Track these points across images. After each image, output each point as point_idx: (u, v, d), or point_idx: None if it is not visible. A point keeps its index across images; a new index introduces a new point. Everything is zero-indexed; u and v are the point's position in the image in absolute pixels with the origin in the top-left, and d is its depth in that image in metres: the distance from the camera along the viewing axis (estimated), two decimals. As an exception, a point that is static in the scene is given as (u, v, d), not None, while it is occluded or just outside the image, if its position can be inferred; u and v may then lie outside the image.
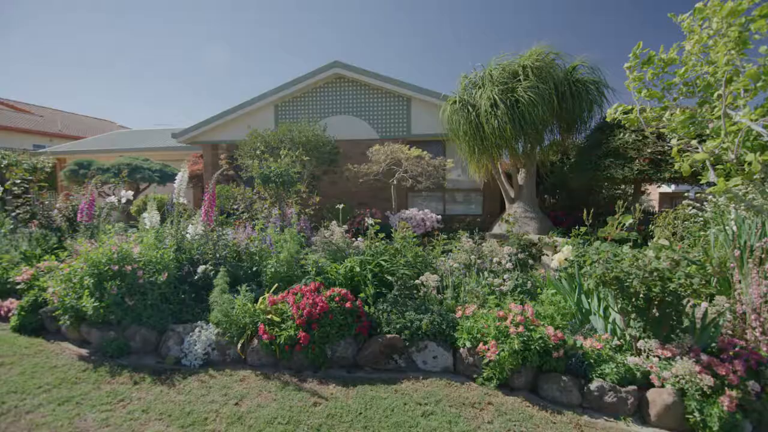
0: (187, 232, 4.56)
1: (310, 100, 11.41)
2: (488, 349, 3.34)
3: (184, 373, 3.34)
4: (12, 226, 5.26)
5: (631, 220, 4.35)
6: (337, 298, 3.73)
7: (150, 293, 3.77)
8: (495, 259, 4.94)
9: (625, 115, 5.03)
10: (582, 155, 7.54)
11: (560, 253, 4.35)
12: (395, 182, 9.11)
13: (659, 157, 6.29)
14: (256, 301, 3.86)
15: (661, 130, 4.88)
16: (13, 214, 5.37)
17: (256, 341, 3.58)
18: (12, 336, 3.81)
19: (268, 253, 4.37)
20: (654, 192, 16.23)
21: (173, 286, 4.02)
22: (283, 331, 3.49)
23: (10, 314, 4.09)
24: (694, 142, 4.72)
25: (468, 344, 3.52)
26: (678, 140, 4.56)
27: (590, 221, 5.00)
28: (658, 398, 3.01)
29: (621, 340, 3.54)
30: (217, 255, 4.33)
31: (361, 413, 2.88)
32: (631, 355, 3.38)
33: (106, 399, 2.89)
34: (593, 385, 3.19)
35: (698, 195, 6.71)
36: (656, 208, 11.45)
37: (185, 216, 4.85)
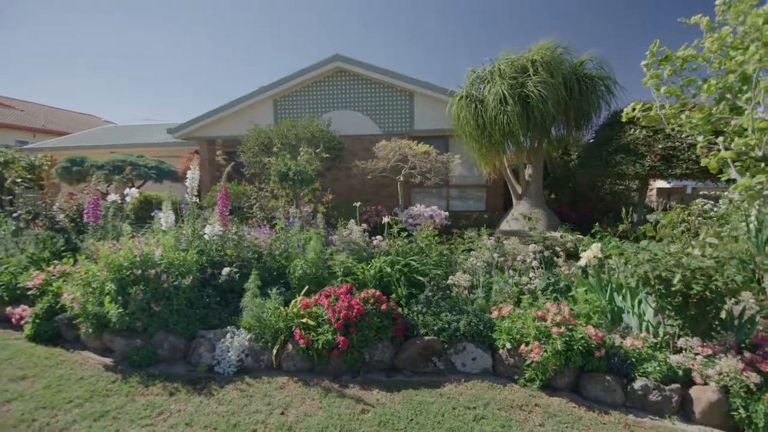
0: (203, 233, 4.39)
1: (311, 95, 11.19)
2: (531, 350, 3.30)
3: (220, 381, 3.21)
4: (14, 228, 4.99)
5: (662, 220, 4.36)
6: (371, 300, 3.64)
7: (175, 298, 3.61)
8: (519, 257, 4.91)
9: (644, 113, 5.04)
10: (591, 151, 7.57)
11: (589, 251, 4.34)
12: (402, 179, 9.02)
13: (670, 153, 6.34)
14: (285, 304, 3.74)
15: (679, 127, 4.88)
16: (15, 214, 5.08)
17: (290, 346, 3.46)
18: (28, 346, 3.60)
19: (294, 254, 4.24)
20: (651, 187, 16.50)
21: (197, 289, 3.86)
22: (320, 335, 3.39)
23: (22, 322, 3.87)
24: (720, 139, 4.75)
25: (508, 345, 3.47)
26: (703, 138, 4.58)
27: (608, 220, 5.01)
28: (703, 396, 3.02)
29: (656, 338, 3.55)
30: (240, 256, 4.18)
31: (412, 419, 2.80)
32: (670, 352, 3.38)
33: (144, 412, 2.74)
34: (637, 384, 3.18)
35: (710, 192, 6.78)
36: (654, 204, 11.52)
37: (194, 215, 4.67)
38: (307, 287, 3.89)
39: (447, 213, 9.18)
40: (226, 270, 3.99)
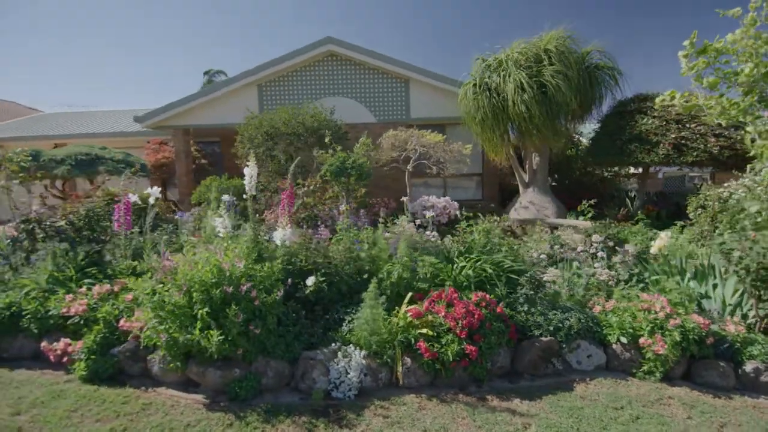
0: (269, 238, 3.88)
1: (300, 80, 10.45)
2: (654, 343, 3.31)
3: (347, 408, 2.84)
4: (10, 240, 4.03)
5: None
6: (483, 304, 3.43)
7: (269, 316, 3.13)
8: (580, 248, 4.95)
9: (686, 103, 5.24)
10: (602, 140, 7.85)
11: (659, 240, 4.48)
12: (411, 169, 8.77)
13: (681, 142, 6.76)
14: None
15: (719, 117, 5.14)
16: (12, 223, 4.10)
17: (409, 360, 3.17)
18: (89, 389, 2.91)
19: (382, 257, 3.87)
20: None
21: (282, 304, 3.39)
22: (446, 346, 3.13)
23: (64, 359, 3.14)
24: (750, 129, 5.05)
25: (624, 339, 3.47)
26: (752, 128, 4.86)
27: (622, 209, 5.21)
28: (809, 373, 3.23)
29: (745, 322, 3.74)
30: (316, 262, 3.73)
31: (578, 428, 2.68)
32: (762, 334, 3.59)
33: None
34: (748, 367, 3.33)
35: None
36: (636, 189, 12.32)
37: (254, 218, 4.12)
38: (411, 294, 3.57)
39: (457, 203, 9.13)
40: (311, 280, 3.54)
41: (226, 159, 12.90)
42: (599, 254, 4.76)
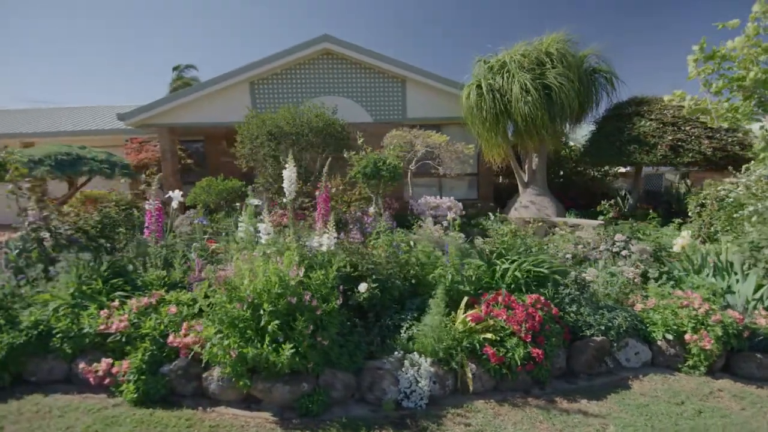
0: (309, 244, 3.72)
1: (295, 78, 10.18)
2: (700, 339, 3.45)
3: (422, 417, 2.77)
4: (18, 250, 3.63)
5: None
6: (539, 306, 3.46)
7: (331, 326, 3.00)
8: (603, 246, 5.10)
9: (696, 106, 5.50)
10: (599, 141, 8.13)
11: (681, 238, 4.68)
12: (414, 169, 8.75)
13: (678, 144, 7.12)
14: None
15: (726, 121, 5.43)
16: (24, 232, 3.68)
17: (473, 365, 3.13)
18: (144, 413, 2.66)
19: (430, 261, 3.81)
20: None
21: (337, 313, 3.26)
22: (512, 350, 3.12)
23: (107, 380, 2.86)
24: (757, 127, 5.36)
25: (669, 336, 3.59)
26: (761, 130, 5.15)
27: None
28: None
29: (768, 314, 3.97)
30: (368, 268, 3.62)
31: (653, 426, 2.74)
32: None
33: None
34: (782, 358, 3.54)
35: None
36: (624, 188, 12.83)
37: (293, 222, 3.96)
38: (466, 299, 3.53)
39: (461, 204, 9.19)
40: (363, 286, 3.43)
41: (210, 158, 12.41)
42: (623, 252, 4.92)
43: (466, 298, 3.50)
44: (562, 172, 10.13)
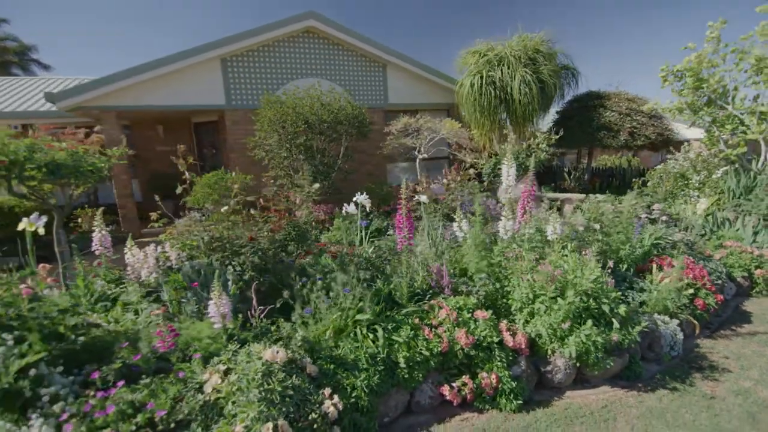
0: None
1: (273, 57, 9.09)
2: (765, 273, 4.92)
3: (690, 353, 3.44)
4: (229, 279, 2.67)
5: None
6: (690, 265, 4.39)
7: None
8: (643, 215, 6.44)
9: (668, 110, 7.33)
10: (573, 128, 9.71)
11: (701, 204, 6.30)
12: (427, 155, 9.01)
13: (634, 131, 9.14)
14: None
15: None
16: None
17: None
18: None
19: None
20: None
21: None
22: (705, 298, 3.97)
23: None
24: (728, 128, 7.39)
25: (744, 274, 5.00)
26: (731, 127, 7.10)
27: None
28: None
29: (763, 249, 5.81)
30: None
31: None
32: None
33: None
34: (791, 277, 5.32)
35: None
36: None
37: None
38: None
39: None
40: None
41: (139, 148, 10.22)
42: (662, 218, 6.33)
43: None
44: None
